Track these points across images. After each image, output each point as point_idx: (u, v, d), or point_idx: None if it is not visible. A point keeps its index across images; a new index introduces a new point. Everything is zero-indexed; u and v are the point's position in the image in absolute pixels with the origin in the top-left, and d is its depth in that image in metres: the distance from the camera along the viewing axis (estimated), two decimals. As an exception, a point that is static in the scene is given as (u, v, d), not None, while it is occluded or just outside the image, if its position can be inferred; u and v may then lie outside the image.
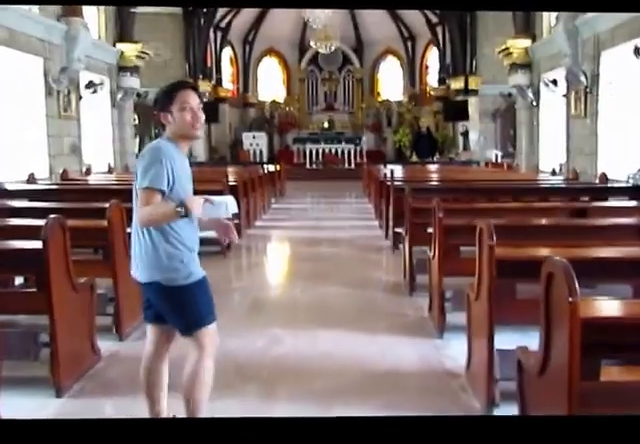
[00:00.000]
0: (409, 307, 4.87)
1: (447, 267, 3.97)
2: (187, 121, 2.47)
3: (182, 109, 2.46)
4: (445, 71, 21.27)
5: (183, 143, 2.56)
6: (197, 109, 2.50)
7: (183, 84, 2.60)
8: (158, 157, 2.39)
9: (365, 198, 14.25)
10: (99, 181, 8.99)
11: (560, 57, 11.35)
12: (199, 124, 2.51)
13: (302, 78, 25.03)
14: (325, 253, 7.42)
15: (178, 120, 2.47)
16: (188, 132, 2.51)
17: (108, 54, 12.88)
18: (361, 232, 9.18)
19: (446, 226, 4.00)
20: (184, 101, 2.47)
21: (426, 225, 5.49)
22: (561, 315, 1.96)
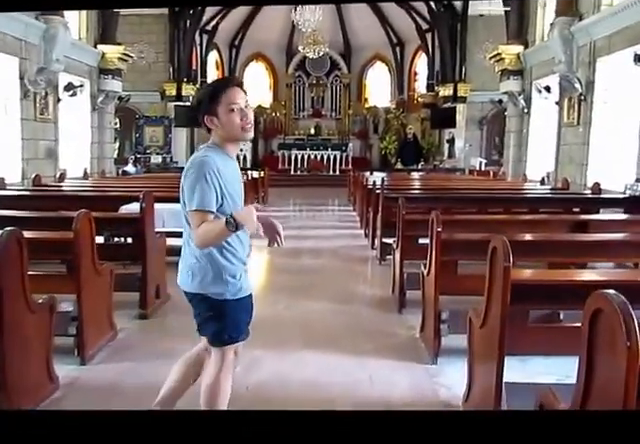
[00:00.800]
0: (399, 326, 4.54)
1: (444, 284, 3.65)
2: (237, 123, 2.27)
3: (230, 111, 2.26)
4: (434, 78, 21.11)
5: (232, 147, 2.38)
6: (246, 108, 2.29)
7: (228, 82, 2.40)
8: (202, 174, 2.21)
9: (350, 206, 13.96)
10: (73, 187, 8.58)
11: (554, 64, 11.16)
12: (250, 125, 2.31)
13: (289, 83, 24.74)
14: (309, 265, 7.08)
15: (226, 123, 2.27)
16: (239, 135, 2.31)
17: (89, 55, 12.50)
18: (346, 242, 8.87)
19: (444, 241, 3.68)
20: (231, 101, 2.26)
21: (418, 237, 5.21)
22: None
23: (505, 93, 13.90)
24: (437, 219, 3.71)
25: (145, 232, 4.61)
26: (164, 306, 5.02)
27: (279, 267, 7.00)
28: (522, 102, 13.22)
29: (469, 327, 2.89)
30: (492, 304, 2.56)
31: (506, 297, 2.40)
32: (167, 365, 3.58)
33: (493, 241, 2.56)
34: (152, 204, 4.79)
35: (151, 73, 19.42)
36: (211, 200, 2.21)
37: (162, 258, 5.14)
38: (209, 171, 2.22)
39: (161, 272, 5.10)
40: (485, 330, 2.64)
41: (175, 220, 6.57)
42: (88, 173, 12.69)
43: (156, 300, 4.96)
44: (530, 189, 9.09)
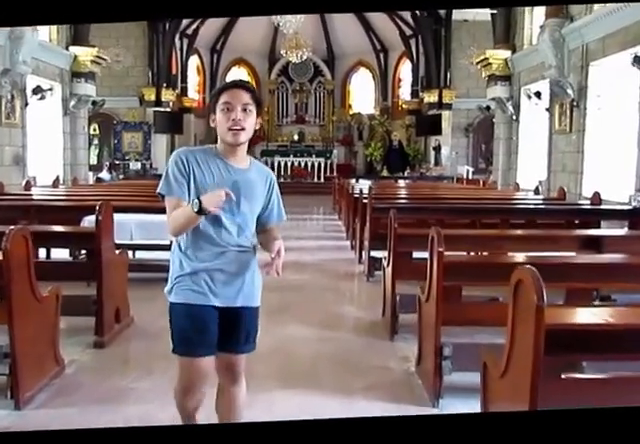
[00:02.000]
0: (391, 357, 4.00)
1: (447, 314, 3.13)
2: (223, 123, 2.20)
3: (222, 110, 2.20)
4: (418, 84, 20.76)
5: (227, 149, 2.26)
6: (240, 110, 2.18)
7: (233, 82, 2.31)
8: (172, 162, 2.23)
9: (335, 214, 13.44)
10: (37, 196, 7.96)
11: (544, 68, 10.77)
12: (238, 127, 2.18)
13: (272, 89, 24.23)
14: (291, 281, 6.51)
15: (218, 123, 2.23)
16: (224, 136, 2.22)
17: (60, 58, 11.87)
18: (331, 254, 8.33)
19: (448, 263, 3.16)
20: (225, 100, 2.20)
21: (411, 253, 4.69)
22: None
23: (493, 99, 13.49)
24: (439, 237, 3.18)
25: (101, 248, 4.03)
26: (126, 331, 4.44)
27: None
28: (510, 108, 12.83)
29: (483, 374, 2.35)
30: (518, 351, 2.03)
31: (539, 345, 1.86)
32: (120, 411, 3.03)
33: (519, 273, 2.03)
34: (110, 216, 4.21)
35: (129, 78, 18.83)
36: (173, 187, 2.19)
37: (123, 277, 4.57)
38: (174, 159, 2.22)
39: (122, 292, 4.52)
40: (507, 381, 2.10)
41: (144, 232, 6.00)
42: (61, 180, 12.11)
43: (116, 325, 4.38)
44: (524, 199, 8.64)
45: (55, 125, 12.08)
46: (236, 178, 2.25)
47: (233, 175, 2.26)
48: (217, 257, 2.26)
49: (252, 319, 2.40)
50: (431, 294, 3.31)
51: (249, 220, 2.33)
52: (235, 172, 2.27)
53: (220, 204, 2.09)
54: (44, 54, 11.15)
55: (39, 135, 11.46)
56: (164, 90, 18.78)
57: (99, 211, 4.01)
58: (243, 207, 2.28)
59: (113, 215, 4.28)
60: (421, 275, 4.49)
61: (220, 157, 2.27)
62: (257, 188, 2.34)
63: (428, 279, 3.41)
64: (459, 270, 3.26)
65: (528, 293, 1.93)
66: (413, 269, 4.58)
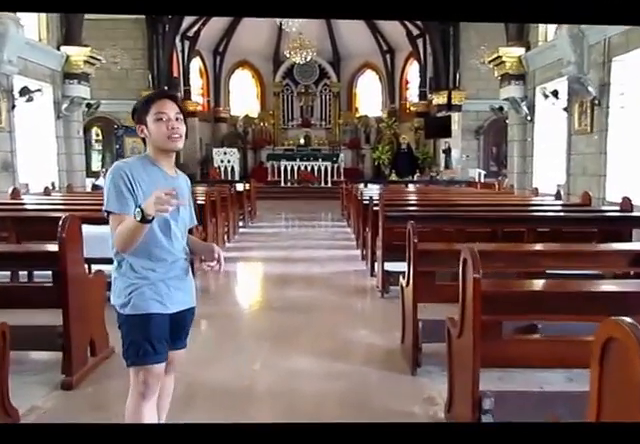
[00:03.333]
0: (414, 398, 3.36)
1: (487, 354, 2.51)
2: (162, 132, 2.27)
3: (157, 120, 2.28)
4: (426, 85, 20.18)
5: (161, 157, 2.33)
6: (174, 119, 2.29)
7: (159, 93, 2.45)
8: (114, 177, 2.23)
9: (344, 221, 12.84)
10: (25, 205, 7.40)
11: (561, 65, 10.13)
12: (177, 135, 2.28)
13: (277, 92, 23.70)
14: (297, 299, 5.91)
15: (153, 132, 2.29)
16: (164, 144, 2.29)
17: (50, 58, 11.31)
18: (341, 266, 7.72)
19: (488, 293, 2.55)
20: (158, 110, 2.28)
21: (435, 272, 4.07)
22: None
23: (506, 99, 12.85)
24: (474, 260, 2.56)
25: (66, 270, 3.43)
26: (103, 367, 3.83)
27: (261, 302, 5.83)
28: (525, 109, 12.17)
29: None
30: None
31: None
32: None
33: (606, 327, 1.40)
34: (77, 231, 3.62)
35: (129, 80, 18.32)
36: (121, 203, 2.20)
37: (99, 301, 3.96)
38: (119, 174, 2.22)
39: (98, 319, 3.92)
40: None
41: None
42: (56, 187, 11.57)
43: (91, 359, 3.78)
44: (546, 204, 8.00)
45: (47, 129, 11.51)
46: (173, 185, 2.26)
47: (170, 182, 2.30)
48: (171, 265, 2.31)
49: (191, 318, 2.48)
50: (465, 329, 2.70)
51: (187, 226, 2.43)
52: (171, 180, 2.33)
53: (163, 205, 2.02)
54: (33, 54, 10.58)
55: (31, 140, 10.90)
56: (165, 93, 18.22)
57: (62, 226, 3.41)
58: (182, 213, 2.37)
59: (82, 229, 3.68)
60: (447, 297, 3.89)
61: (157, 165, 2.32)
62: (186, 194, 2.43)
63: (460, 310, 2.80)
64: (500, 301, 2.64)
65: (630, 350, 1.30)
66: (438, 291, 3.99)
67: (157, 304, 2.26)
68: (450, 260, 4.07)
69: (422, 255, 3.91)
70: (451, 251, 3.76)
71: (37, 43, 10.89)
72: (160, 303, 2.27)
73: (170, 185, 2.23)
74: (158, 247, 2.26)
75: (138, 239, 2.15)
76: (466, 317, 2.78)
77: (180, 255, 2.34)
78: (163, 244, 2.27)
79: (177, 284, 2.33)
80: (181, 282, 2.35)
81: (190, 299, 2.42)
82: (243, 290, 6.33)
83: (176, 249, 2.32)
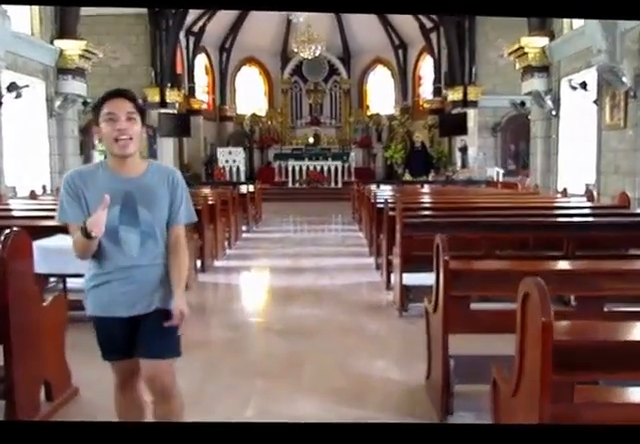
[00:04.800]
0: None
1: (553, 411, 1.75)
2: (108, 134, 2.16)
3: (106, 120, 2.16)
4: (441, 81, 19.37)
5: (116, 162, 2.24)
6: (125, 120, 2.15)
7: (112, 92, 2.23)
8: (63, 187, 2.25)
9: (355, 224, 12.07)
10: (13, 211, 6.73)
11: (590, 55, 9.32)
12: (125, 136, 2.14)
13: (285, 89, 22.95)
14: (302, 319, 5.15)
15: (103, 134, 2.19)
16: (111, 148, 2.19)
17: (43, 52, 10.65)
18: (352, 277, 6.96)
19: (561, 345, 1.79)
20: (108, 111, 2.16)
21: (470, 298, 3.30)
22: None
23: (528, 94, 12.04)
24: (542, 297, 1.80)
25: (7, 297, 2.71)
26: (63, 412, 3.11)
27: (260, 324, 5.06)
28: (549, 103, 11.35)
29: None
30: None
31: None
32: None
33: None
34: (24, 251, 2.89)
35: (131, 77, 17.62)
36: (68, 212, 2.22)
37: (57, 333, 3.24)
38: (64, 183, 2.24)
39: (56, 356, 3.20)
40: None
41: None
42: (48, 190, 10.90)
43: (46, 403, 3.06)
44: (580, 207, 7.19)
45: (39, 128, 10.85)
46: (128, 188, 2.22)
47: (124, 186, 2.23)
48: (124, 271, 2.25)
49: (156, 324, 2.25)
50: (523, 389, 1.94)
51: (155, 227, 2.28)
52: (126, 182, 2.23)
53: (101, 224, 2.08)
54: (23, 47, 9.94)
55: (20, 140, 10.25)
56: (169, 90, 17.55)
57: (4, 244, 2.68)
58: (143, 216, 2.25)
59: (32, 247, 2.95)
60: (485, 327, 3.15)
61: (109, 170, 2.24)
62: (157, 192, 2.28)
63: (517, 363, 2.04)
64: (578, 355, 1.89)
65: None
66: (473, 319, 3.23)
67: (99, 307, 2.29)
68: (492, 282, 3.34)
69: (455, 276, 3.14)
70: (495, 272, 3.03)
71: (28, 36, 10.23)
72: (103, 307, 2.28)
73: (122, 189, 2.20)
74: (103, 253, 2.24)
75: (90, 250, 2.19)
76: (526, 373, 2.02)
77: (141, 261, 2.25)
78: (108, 250, 2.23)
79: (129, 288, 2.25)
80: (137, 286, 2.26)
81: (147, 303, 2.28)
82: (241, 308, 5.54)
83: (128, 255, 2.24)
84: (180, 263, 2.32)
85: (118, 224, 2.21)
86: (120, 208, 2.21)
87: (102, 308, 2.29)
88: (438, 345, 3.29)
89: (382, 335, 4.74)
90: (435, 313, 3.35)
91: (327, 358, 4.14)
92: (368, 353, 4.29)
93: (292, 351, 4.27)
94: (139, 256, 2.25)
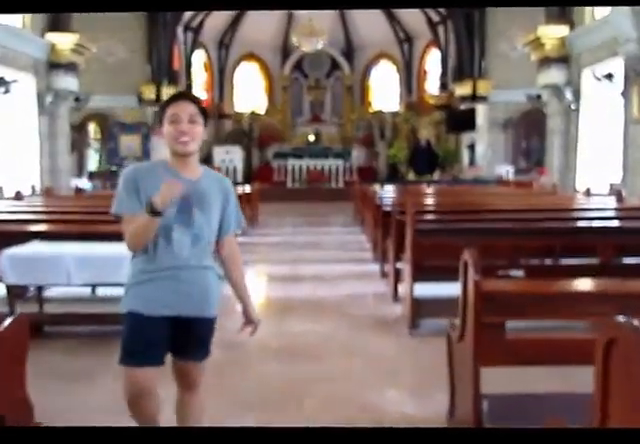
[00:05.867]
0: None
1: None
2: (170, 134, 2.23)
3: (170, 122, 2.23)
4: (448, 75, 18.69)
5: (176, 160, 2.28)
6: (187, 121, 2.22)
7: (178, 95, 2.34)
8: (121, 180, 2.28)
9: (357, 226, 11.41)
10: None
11: (616, 44, 8.65)
12: (185, 138, 2.22)
13: (285, 86, 22.28)
14: (298, 338, 4.48)
15: (166, 134, 2.26)
16: (173, 147, 2.25)
17: (33, 46, 10.02)
18: (356, 286, 6.29)
19: None
20: (173, 112, 2.23)
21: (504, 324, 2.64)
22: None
23: (545, 87, 11.36)
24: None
25: None
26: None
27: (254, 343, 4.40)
28: (569, 96, 10.66)
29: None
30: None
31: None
32: None
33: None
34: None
35: (126, 74, 16.99)
36: (127, 204, 2.24)
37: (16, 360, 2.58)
38: (124, 178, 2.28)
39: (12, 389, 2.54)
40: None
41: (88, 271, 4.14)
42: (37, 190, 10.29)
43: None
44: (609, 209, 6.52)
45: (29, 125, 10.22)
46: (186, 189, 2.22)
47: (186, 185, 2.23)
48: (172, 271, 2.26)
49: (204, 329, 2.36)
50: None
51: (206, 231, 2.31)
52: (185, 183, 2.23)
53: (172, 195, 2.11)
54: (12, 41, 9.33)
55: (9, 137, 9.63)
56: (165, 87, 16.89)
57: None
58: (197, 218, 2.28)
59: None
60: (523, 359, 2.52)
61: (169, 169, 2.29)
62: (212, 196, 2.33)
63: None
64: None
65: None
66: (509, 350, 2.58)
67: (140, 303, 2.25)
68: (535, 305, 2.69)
69: (488, 299, 2.48)
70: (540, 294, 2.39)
71: (18, 29, 9.60)
72: (144, 303, 2.25)
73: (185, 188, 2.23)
74: (154, 250, 2.25)
75: (148, 235, 2.19)
76: None
77: (190, 262, 2.27)
78: (159, 248, 2.25)
79: (177, 287, 2.26)
80: (186, 286, 2.27)
81: (197, 307, 2.31)
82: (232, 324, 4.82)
83: (178, 255, 2.25)
84: (242, 273, 2.47)
85: (173, 223, 2.24)
86: (177, 208, 2.24)
87: (143, 304, 2.25)
88: (466, 381, 2.64)
89: (391, 357, 4.08)
90: (461, 342, 2.70)
91: (330, 387, 3.49)
92: (376, 380, 3.63)
93: (288, 378, 3.63)
94: (188, 257, 2.27)
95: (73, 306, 4.97)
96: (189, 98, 2.29)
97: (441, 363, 3.43)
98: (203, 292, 2.31)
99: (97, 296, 4.95)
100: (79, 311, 4.66)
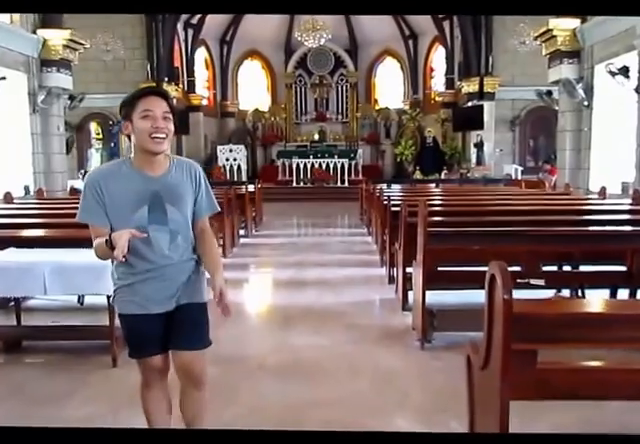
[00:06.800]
0: None
1: None
2: (145, 130, 2.17)
3: (142, 117, 2.18)
4: (454, 72, 18.30)
5: (146, 159, 2.24)
6: (161, 118, 2.19)
7: (148, 89, 2.33)
8: (86, 187, 2.25)
9: (363, 227, 11.07)
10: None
11: (631, 37, 8.26)
12: (161, 135, 2.18)
13: (289, 84, 21.93)
14: (301, 352, 4.13)
15: (137, 130, 2.19)
16: (146, 145, 2.20)
17: (24, 42, 9.70)
18: (362, 293, 5.94)
19: None
20: (146, 108, 2.19)
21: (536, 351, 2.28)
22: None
23: (555, 82, 10.96)
24: None
25: None
26: None
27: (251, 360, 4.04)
28: (581, 92, 10.25)
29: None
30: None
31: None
32: None
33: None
34: None
35: (126, 72, 16.69)
36: (91, 214, 2.23)
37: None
38: (89, 183, 2.24)
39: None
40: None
41: (65, 280, 3.80)
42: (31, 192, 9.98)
43: None
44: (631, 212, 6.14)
45: (21, 125, 9.90)
46: (155, 188, 2.25)
47: (151, 186, 2.25)
48: (156, 270, 2.29)
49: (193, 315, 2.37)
50: None
51: (182, 224, 2.32)
52: (153, 182, 2.25)
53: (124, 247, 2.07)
54: (1, 37, 9.02)
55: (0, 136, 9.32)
56: (165, 85, 16.55)
57: None
58: (171, 214, 2.28)
59: None
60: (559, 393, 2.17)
61: (135, 170, 2.25)
62: (182, 188, 2.31)
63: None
64: None
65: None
66: (542, 382, 2.22)
67: (133, 305, 2.31)
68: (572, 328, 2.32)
69: (519, 322, 2.12)
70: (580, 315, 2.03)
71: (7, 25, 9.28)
72: (137, 305, 2.30)
73: (150, 189, 2.23)
74: (135, 254, 2.25)
75: (108, 257, 2.21)
76: None
77: (172, 258, 2.30)
78: (139, 250, 2.25)
79: (163, 285, 2.30)
80: (171, 283, 2.32)
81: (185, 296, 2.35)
82: (228, 337, 4.43)
83: (159, 253, 2.27)
84: (211, 247, 2.39)
85: (147, 224, 2.23)
86: (148, 208, 2.23)
87: (137, 306, 2.31)
88: (492, 414, 2.29)
89: (401, 376, 3.72)
90: (486, 370, 2.34)
91: (330, 414, 3.14)
92: (385, 404, 3.29)
93: (289, 403, 3.28)
94: (170, 253, 2.29)
95: (58, 316, 4.64)
96: (162, 94, 2.26)
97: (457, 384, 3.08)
98: (190, 282, 2.36)
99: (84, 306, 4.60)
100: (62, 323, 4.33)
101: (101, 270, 3.50)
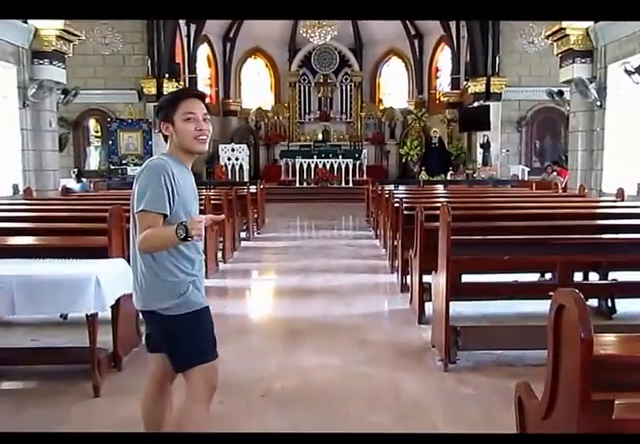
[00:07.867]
0: None
1: None
2: (190, 132, 2.24)
3: (185, 119, 2.23)
4: (460, 72, 17.90)
5: (187, 158, 2.32)
6: (203, 120, 2.26)
7: (189, 91, 2.41)
8: (156, 175, 2.16)
9: (369, 229, 10.66)
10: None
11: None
12: (204, 137, 2.27)
13: (293, 82, 21.50)
14: (309, 375, 3.70)
15: (180, 131, 2.25)
16: (191, 145, 2.27)
17: (13, 32, 9.24)
18: (373, 303, 5.54)
19: None
20: (188, 110, 2.24)
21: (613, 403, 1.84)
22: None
23: (567, 82, 10.56)
24: None
25: None
26: None
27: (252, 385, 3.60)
28: (594, 92, 9.85)
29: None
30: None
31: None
32: None
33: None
34: None
35: (126, 68, 16.32)
36: (163, 202, 2.15)
37: None
38: (164, 173, 2.16)
39: None
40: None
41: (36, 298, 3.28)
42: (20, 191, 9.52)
43: None
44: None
45: (10, 120, 9.46)
46: (194, 186, 2.36)
47: (193, 183, 2.35)
48: (200, 264, 2.34)
49: None
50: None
51: None
52: (191, 177, 2.35)
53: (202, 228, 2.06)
54: (-10, 27, 8.58)
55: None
56: (166, 81, 16.14)
57: None
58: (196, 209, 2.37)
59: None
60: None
61: (181, 165, 2.28)
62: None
63: None
64: None
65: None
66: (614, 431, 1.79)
67: (202, 299, 2.32)
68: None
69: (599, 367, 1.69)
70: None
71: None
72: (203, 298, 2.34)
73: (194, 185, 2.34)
74: (192, 248, 2.27)
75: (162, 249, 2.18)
76: None
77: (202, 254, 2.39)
78: (196, 245, 2.28)
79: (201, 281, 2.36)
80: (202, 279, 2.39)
81: None
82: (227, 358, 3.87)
83: (200, 248, 2.34)
84: None
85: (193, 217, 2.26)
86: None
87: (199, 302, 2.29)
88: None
89: (426, 406, 3.27)
90: (548, 420, 1.90)
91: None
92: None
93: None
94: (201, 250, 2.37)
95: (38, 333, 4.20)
96: (202, 97, 2.33)
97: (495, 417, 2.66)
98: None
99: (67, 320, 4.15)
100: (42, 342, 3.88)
101: (82, 285, 3.07)
